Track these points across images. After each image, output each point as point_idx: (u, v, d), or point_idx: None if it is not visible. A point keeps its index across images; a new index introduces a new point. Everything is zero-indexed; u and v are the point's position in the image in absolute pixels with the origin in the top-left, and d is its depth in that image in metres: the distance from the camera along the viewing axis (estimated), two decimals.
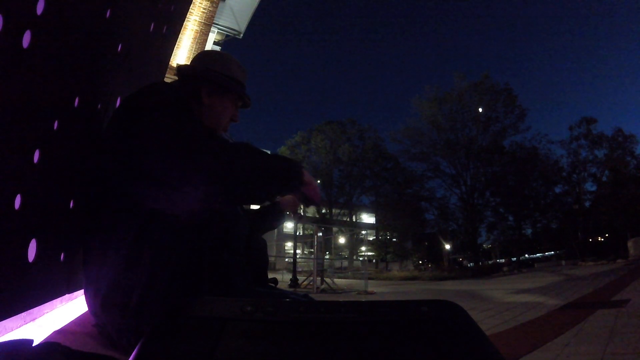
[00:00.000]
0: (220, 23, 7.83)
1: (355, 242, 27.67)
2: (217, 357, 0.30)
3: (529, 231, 30.09)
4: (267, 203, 1.16)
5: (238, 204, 0.74)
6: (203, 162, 0.65)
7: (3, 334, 0.86)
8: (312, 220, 27.43)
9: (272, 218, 1.17)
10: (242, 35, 8.37)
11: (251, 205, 1.08)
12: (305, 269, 14.39)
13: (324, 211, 29.19)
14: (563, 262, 20.33)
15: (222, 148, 0.67)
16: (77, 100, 0.73)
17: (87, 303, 0.74)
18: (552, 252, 31.18)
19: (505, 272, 17.12)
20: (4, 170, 0.51)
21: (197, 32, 5.99)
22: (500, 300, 5.46)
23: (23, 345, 0.54)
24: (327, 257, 13.59)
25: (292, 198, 1.18)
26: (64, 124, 0.68)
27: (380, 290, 9.45)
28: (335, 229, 25.83)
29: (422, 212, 29.10)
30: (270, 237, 27.21)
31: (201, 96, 0.87)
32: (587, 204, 26.81)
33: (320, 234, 12.00)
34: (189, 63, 0.94)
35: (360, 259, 26.00)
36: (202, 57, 0.94)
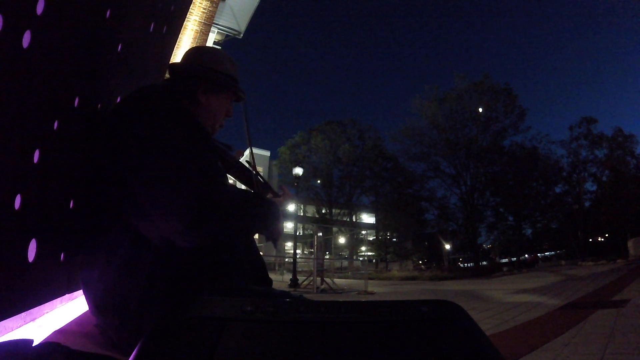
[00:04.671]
0: (220, 23, 7.83)
1: (355, 242, 27.67)
2: (217, 357, 0.30)
3: (529, 231, 30.15)
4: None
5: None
6: (176, 201, 0.61)
7: (3, 334, 0.86)
8: (312, 220, 27.43)
9: None
10: (242, 35, 8.36)
11: None
12: (305, 268, 14.39)
13: (324, 211, 29.18)
14: (563, 262, 20.34)
15: (201, 189, 0.63)
16: (77, 100, 0.73)
17: (87, 305, 0.74)
18: (552, 252, 31.19)
19: (505, 272, 17.12)
20: (4, 170, 0.51)
21: (197, 32, 5.99)
22: (500, 300, 5.46)
23: (23, 345, 0.54)
24: (327, 257, 13.58)
25: (282, 199, 1.19)
26: (64, 124, 0.68)
27: (380, 290, 9.45)
28: (335, 229, 25.82)
29: (422, 212, 29.14)
30: None
31: (197, 95, 0.87)
32: (587, 204, 26.88)
33: (320, 234, 12.00)
34: (180, 60, 0.94)
35: (360, 259, 26.00)
36: (195, 54, 0.94)
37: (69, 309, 1.23)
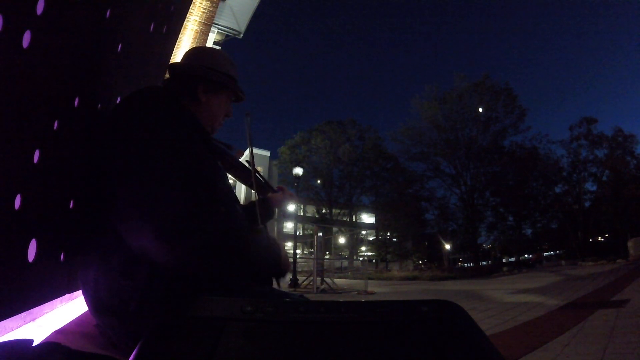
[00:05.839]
0: (220, 23, 7.83)
1: (355, 242, 27.66)
2: (217, 357, 0.30)
3: (529, 231, 30.14)
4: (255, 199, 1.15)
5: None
6: (157, 215, 0.58)
7: (3, 334, 0.86)
8: (312, 220, 27.42)
9: (262, 214, 1.16)
10: (242, 35, 8.36)
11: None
12: (305, 269, 14.39)
13: (324, 211, 29.17)
14: (563, 262, 20.34)
15: (191, 203, 0.60)
16: (77, 100, 0.73)
17: (86, 305, 0.74)
18: (552, 252, 31.19)
19: (505, 272, 17.12)
20: (4, 170, 0.51)
21: (197, 32, 5.99)
22: (500, 300, 5.46)
23: (23, 345, 0.55)
24: (327, 257, 13.59)
25: (281, 195, 1.16)
26: (64, 124, 0.68)
27: (380, 290, 9.45)
28: (335, 229, 25.80)
29: (422, 212, 29.11)
30: None
31: (198, 94, 0.87)
32: (587, 204, 26.85)
33: (320, 234, 11.99)
34: (180, 61, 0.94)
35: (360, 259, 26.00)
36: (195, 55, 0.94)
37: (69, 309, 1.23)
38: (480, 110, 26.05)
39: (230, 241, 0.65)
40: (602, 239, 29.49)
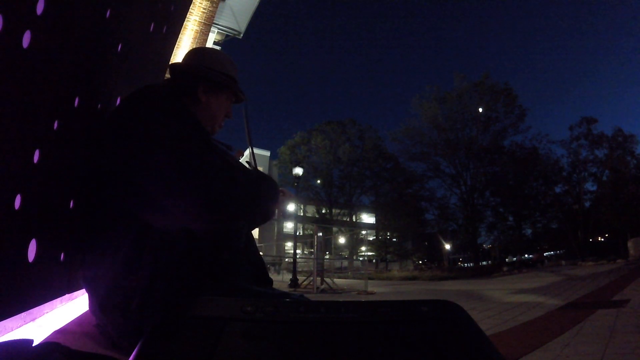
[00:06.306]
0: (220, 23, 7.82)
1: (355, 242, 27.65)
2: (217, 357, 0.30)
3: (529, 231, 30.12)
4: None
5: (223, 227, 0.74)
6: (194, 188, 0.64)
7: (3, 334, 0.86)
8: (312, 220, 27.41)
9: None
10: (242, 35, 8.36)
11: None
12: (305, 268, 14.39)
13: (324, 211, 29.16)
14: (563, 262, 20.33)
15: (214, 174, 0.66)
16: (77, 100, 0.73)
17: (89, 303, 0.74)
18: (552, 252, 31.20)
19: (505, 272, 17.12)
20: (4, 170, 0.51)
21: (197, 32, 5.99)
22: (500, 300, 5.46)
23: (23, 345, 0.55)
24: (327, 257, 13.58)
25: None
26: (64, 124, 0.68)
27: (380, 290, 9.44)
28: (335, 229, 25.79)
29: (422, 212, 29.09)
30: (270, 237, 27.16)
31: (198, 94, 0.87)
32: (587, 204, 26.83)
33: (320, 234, 11.99)
34: (181, 61, 0.94)
35: (360, 259, 25.98)
36: (196, 55, 0.94)
37: (69, 309, 1.23)
38: (480, 110, 26.03)
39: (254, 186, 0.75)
40: (602, 239, 29.51)
